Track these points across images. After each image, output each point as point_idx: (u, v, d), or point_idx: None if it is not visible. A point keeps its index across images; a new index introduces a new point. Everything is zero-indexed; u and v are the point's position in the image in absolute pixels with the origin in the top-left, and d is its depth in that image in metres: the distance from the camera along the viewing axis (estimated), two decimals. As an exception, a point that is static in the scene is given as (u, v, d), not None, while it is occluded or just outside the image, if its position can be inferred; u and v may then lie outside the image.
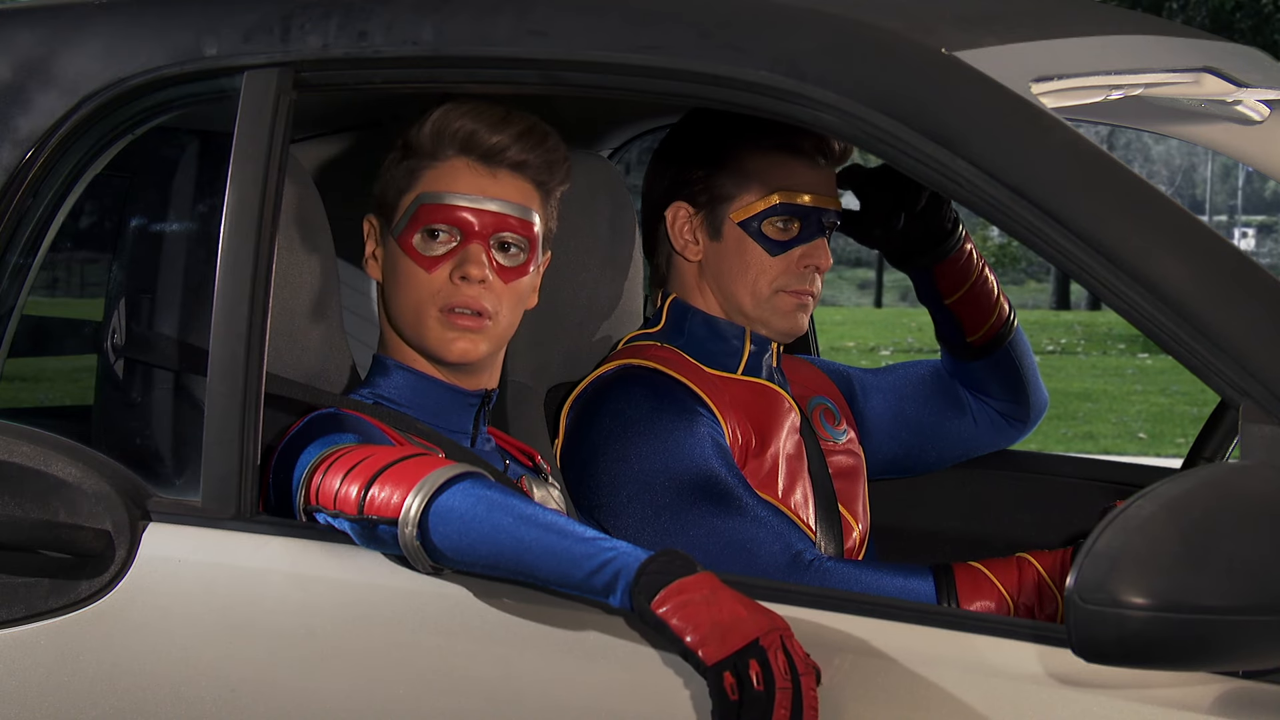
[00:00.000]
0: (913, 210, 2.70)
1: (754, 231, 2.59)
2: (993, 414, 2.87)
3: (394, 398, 2.33)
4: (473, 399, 2.34)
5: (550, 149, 2.33)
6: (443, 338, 2.28)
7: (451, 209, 2.28)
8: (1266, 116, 2.52)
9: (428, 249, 2.29)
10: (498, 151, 2.29)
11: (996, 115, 1.89)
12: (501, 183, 2.30)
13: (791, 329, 2.63)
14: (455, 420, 2.34)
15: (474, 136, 2.28)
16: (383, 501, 1.98)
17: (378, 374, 2.35)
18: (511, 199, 2.29)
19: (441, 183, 2.29)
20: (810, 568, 2.41)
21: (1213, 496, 1.63)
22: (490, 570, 1.95)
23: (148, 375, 2.33)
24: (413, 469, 2.00)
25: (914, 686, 1.83)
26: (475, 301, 2.27)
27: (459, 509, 1.94)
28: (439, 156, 2.30)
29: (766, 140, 2.60)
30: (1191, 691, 1.75)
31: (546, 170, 2.33)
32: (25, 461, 2.18)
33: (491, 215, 2.28)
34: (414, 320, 2.30)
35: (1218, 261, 1.79)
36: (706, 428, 2.50)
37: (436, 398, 2.33)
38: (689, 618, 1.81)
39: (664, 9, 2.04)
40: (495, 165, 2.30)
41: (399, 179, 2.33)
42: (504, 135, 2.29)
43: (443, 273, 2.28)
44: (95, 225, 2.67)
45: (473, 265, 2.27)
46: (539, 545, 1.90)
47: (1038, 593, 2.39)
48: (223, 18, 2.22)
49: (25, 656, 2.16)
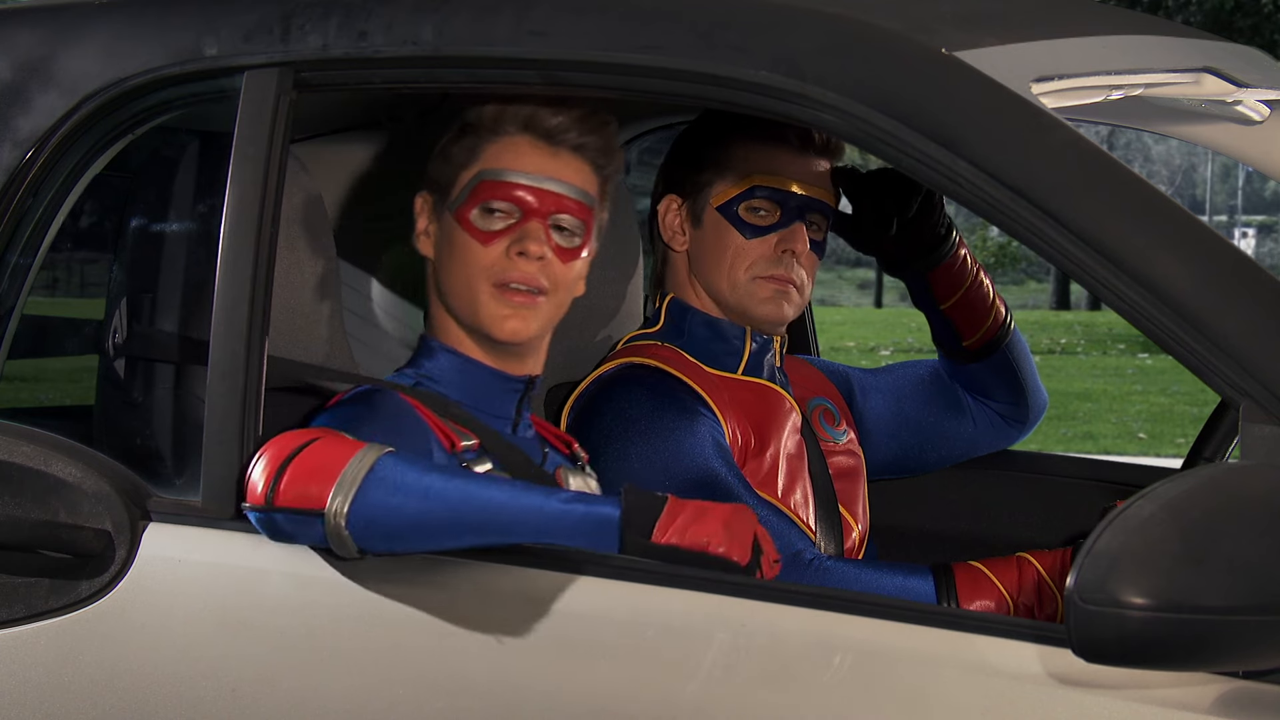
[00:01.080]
0: (904, 218, 2.70)
1: (732, 216, 2.60)
2: (992, 415, 2.87)
3: (437, 379, 2.31)
4: (516, 384, 2.33)
5: (610, 134, 2.33)
6: (496, 314, 2.27)
7: (512, 186, 2.27)
8: (1266, 116, 2.51)
9: (486, 224, 2.28)
10: (560, 131, 2.29)
11: (996, 115, 1.89)
12: (563, 163, 2.30)
13: (772, 316, 2.62)
14: (498, 405, 2.33)
15: (537, 114, 2.28)
16: (300, 494, 1.98)
17: (422, 355, 2.34)
18: (572, 181, 2.29)
19: (504, 159, 2.29)
20: (810, 567, 2.42)
21: (1213, 496, 1.63)
22: (435, 547, 1.98)
23: (148, 375, 2.33)
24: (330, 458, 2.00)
25: (914, 686, 1.83)
26: (532, 278, 2.26)
27: (396, 505, 1.96)
28: (500, 133, 2.29)
29: (750, 129, 2.60)
30: (1191, 691, 1.74)
31: (605, 154, 2.33)
32: (25, 461, 2.18)
33: (552, 196, 2.28)
34: (467, 294, 2.29)
35: (1218, 261, 1.79)
36: (707, 427, 2.50)
37: (480, 381, 2.32)
38: (698, 536, 1.95)
39: (664, 9, 2.04)
40: (557, 145, 2.30)
41: (458, 155, 2.31)
42: (566, 116, 2.29)
43: (499, 247, 2.27)
44: (95, 225, 2.67)
45: (532, 241, 2.26)
46: (507, 513, 1.94)
47: (1037, 592, 2.39)
48: (223, 18, 2.22)
49: (25, 656, 2.16)
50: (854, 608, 1.90)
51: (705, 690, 1.88)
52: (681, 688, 1.89)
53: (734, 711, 1.88)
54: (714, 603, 1.92)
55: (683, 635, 1.92)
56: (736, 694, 1.88)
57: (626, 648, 1.93)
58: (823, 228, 2.65)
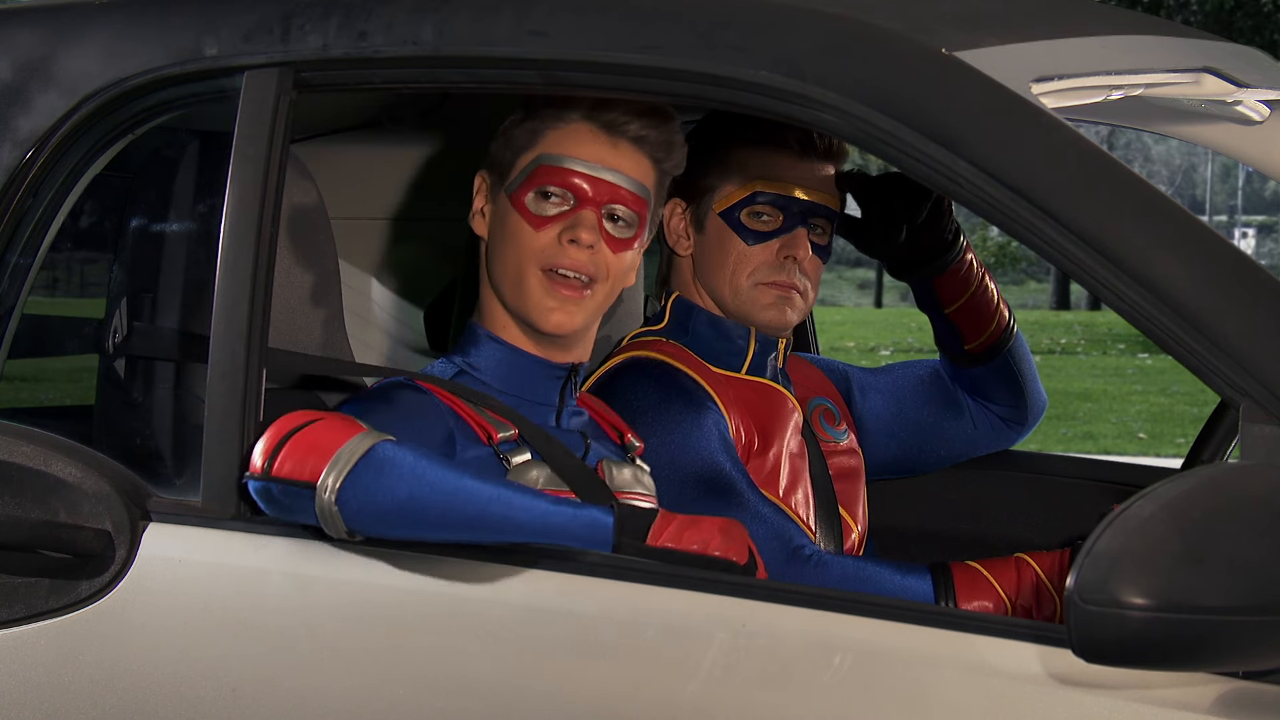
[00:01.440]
0: (914, 224, 2.70)
1: (734, 222, 2.60)
2: (992, 417, 2.87)
3: (480, 366, 2.32)
4: (559, 371, 2.34)
5: (672, 130, 2.34)
6: (542, 304, 2.28)
7: (569, 173, 2.28)
8: (1266, 116, 2.51)
9: (539, 208, 2.29)
10: (622, 122, 2.30)
11: (997, 115, 1.89)
12: (621, 153, 2.30)
13: (775, 322, 2.62)
14: (541, 393, 2.33)
15: (600, 103, 2.29)
16: (296, 467, 2.00)
17: (469, 341, 2.35)
18: (629, 172, 2.30)
19: (563, 145, 2.29)
20: (809, 563, 2.42)
21: (1213, 496, 1.63)
22: (424, 537, 1.99)
23: (148, 375, 2.33)
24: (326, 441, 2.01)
25: (914, 686, 1.83)
26: (583, 265, 2.27)
27: (390, 493, 1.97)
28: (563, 119, 2.30)
29: (752, 133, 2.60)
30: (1191, 691, 1.74)
31: (665, 148, 2.34)
32: (25, 461, 2.18)
33: (607, 185, 2.29)
34: (515, 278, 2.29)
35: (1218, 261, 1.79)
36: (713, 421, 2.50)
37: (523, 370, 2.32)
38: (694, 538, 1.98)
39: (664, 9, 2.04)
40: (617, 135, 2.30)
41: (519, 138, 2.32)
42: (629, 108, 2.30)
43: (551, 232, 2.28)
44: (95, 225, 2.67)
45: (584, 229, 2.27)
46: (498, 506, 1.96)
47: (1035, 594, 2.39)
48: (223, 18, 2.22)
49: (25, 656, 2.16)
50: (854, 608, 1.90)
51: (705, 690, 1.88)
52: (681, 688, 1.89)
53: (734, 711, 1.88)
54: (714, 603, 1.92)
55: (683, 635, 1.92)
56: (736, 694, 1.88)
57: (626, 648, 1.93)
58: (827, 231, 2.65)
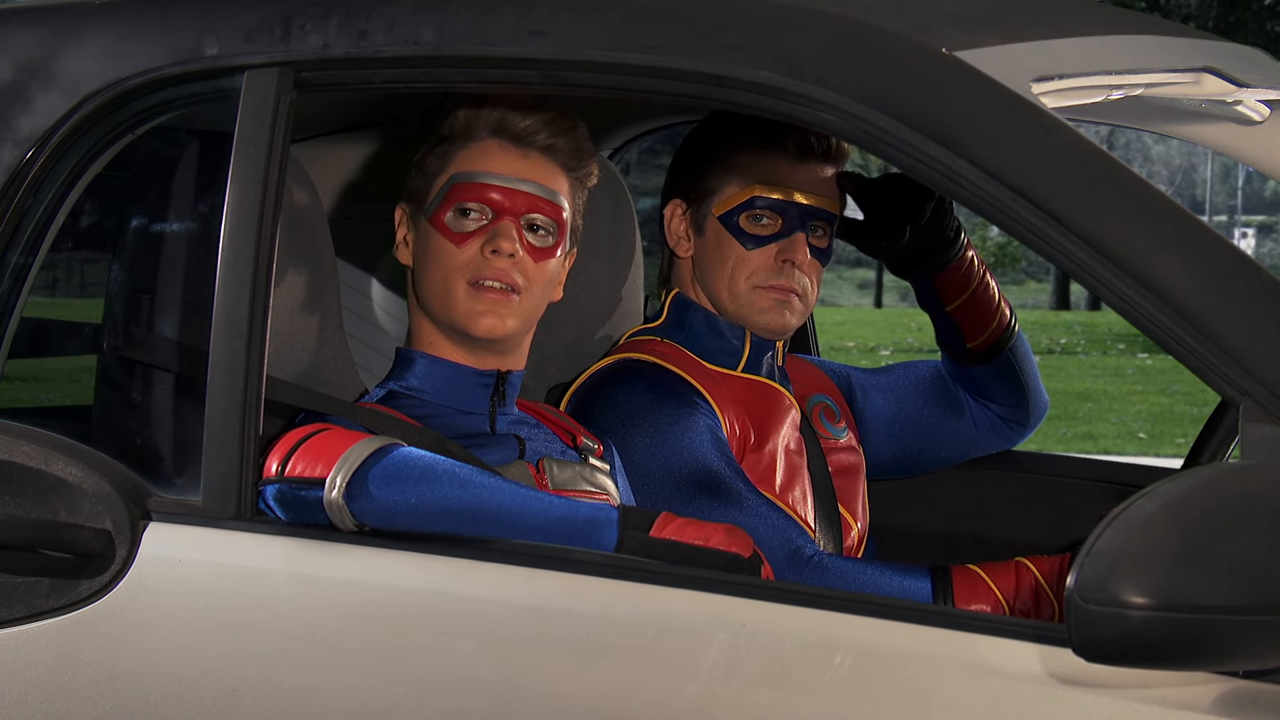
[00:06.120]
0: (917, 223, 2.70)
1: (733, 226, 2.60)
2: (993, 417, 2.87)
3: (412, 385, 2.36)
4: (486, 379, 2.37)
5: (580, 136, 2.38)
6: (470, 310, 2.31)
7: (484, 188, 2.32)
8: (1266, 116, 2.51)
9: (459, 225, 2.33)
10: (530, 134, 2.34)
11: (997, 115, 1.89)
12: (533, 164, 2.34)
13: (774, 325, 2.62)
14: (470, 400, 2.36)
15: (506, 118, 2.34)
16: (307, 468, 2.07)
17: (399, 366, 2.39)
18: (542, 181, 2.34)
19: (475, 162, 2.34)
20: (809, 563, 2.42)
21: (1213, 496, 1.63)
22: (431, 529, 2.04)
23: (148, 375, 2.33)
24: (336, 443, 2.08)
25: (914, 686, 1.83)
26: (505, 275, 2.31)
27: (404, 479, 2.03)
28: (472, 138, 2.35)
29: (752, 136, 2.60)
30: (1191, 691, 1.74)
31: (575, 155, 2.38)
32: (25, 461, 2.18)
33: (523, 196, 2.33)
34: (442, 293, 2.33)
35: (1218, 261, 1.79)
36: (704, 421, 2.50)
37: (450, 378, 2.36)
38: (697, 533, 2.01)
39: (664, 9, 2.04)
40: (527, 147, 2.35)
41: (432, 164, 2.38)
42: (535, 119, 2.34)
43: (473, 246, 2.32)
44: (95, 225, 2.67)
45: (504, 239, 2.31)
46: (504, 497, 2.02)
47: (1034, 598, 2.39)
48: (223, 17, 2.22)
49: (25, 656, 2.16)
50: (854, 607, 1.90)
51: (705, 690, 1.88)
52: (681, 688, 1.89)
53: (734, 711, 1.88)
54: (714, 603, 1.92)
55: (683, 635, 1.92)
56: (736, 694, 1.88)
57: (626, 648, 1.93)
58: (827, 234, 2.64)
